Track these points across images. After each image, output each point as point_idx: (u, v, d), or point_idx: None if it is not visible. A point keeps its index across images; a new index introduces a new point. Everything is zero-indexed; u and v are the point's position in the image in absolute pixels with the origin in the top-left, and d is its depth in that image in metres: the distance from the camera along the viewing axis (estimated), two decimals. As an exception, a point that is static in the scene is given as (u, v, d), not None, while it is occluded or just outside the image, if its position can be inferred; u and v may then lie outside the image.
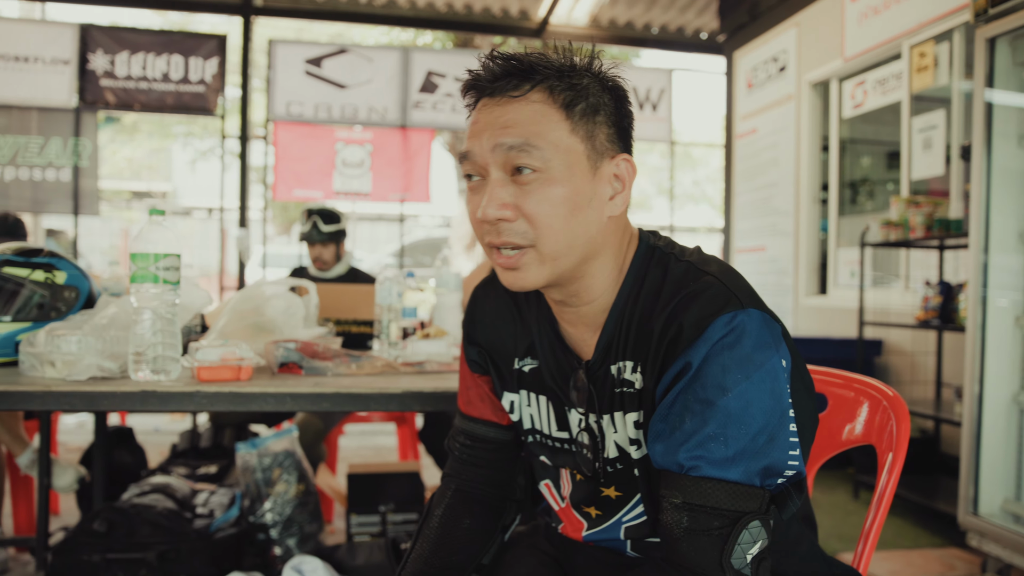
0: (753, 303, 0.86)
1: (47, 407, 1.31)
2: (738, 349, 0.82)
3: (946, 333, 3.70)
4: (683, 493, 0.82)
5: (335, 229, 3.51)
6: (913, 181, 4.10)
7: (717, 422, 0.81)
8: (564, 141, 0.87)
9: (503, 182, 0.88)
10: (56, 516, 3.17)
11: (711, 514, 0.81)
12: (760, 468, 0.82)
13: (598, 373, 0.95)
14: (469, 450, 1.13)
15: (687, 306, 0.85)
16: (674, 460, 0.83)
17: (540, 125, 0.87)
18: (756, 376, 0.82)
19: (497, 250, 0.90)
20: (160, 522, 2.19)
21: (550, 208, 0.86)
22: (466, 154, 0.90)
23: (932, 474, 3.66)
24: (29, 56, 5.53)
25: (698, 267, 0.91)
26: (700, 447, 0.82)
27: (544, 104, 0.88)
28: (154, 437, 4.80)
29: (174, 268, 1.39)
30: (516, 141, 0.86)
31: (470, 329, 1.11)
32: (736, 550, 0.80)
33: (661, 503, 0.85)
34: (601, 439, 0.97)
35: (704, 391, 0.82)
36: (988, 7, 2.51)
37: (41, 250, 1.67)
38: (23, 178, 5.52)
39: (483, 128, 0.89)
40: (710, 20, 6.50)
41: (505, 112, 0.88)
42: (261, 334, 1.76)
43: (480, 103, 0.91)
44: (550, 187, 0.87)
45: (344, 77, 6.01)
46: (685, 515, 0.82)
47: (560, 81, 0.88)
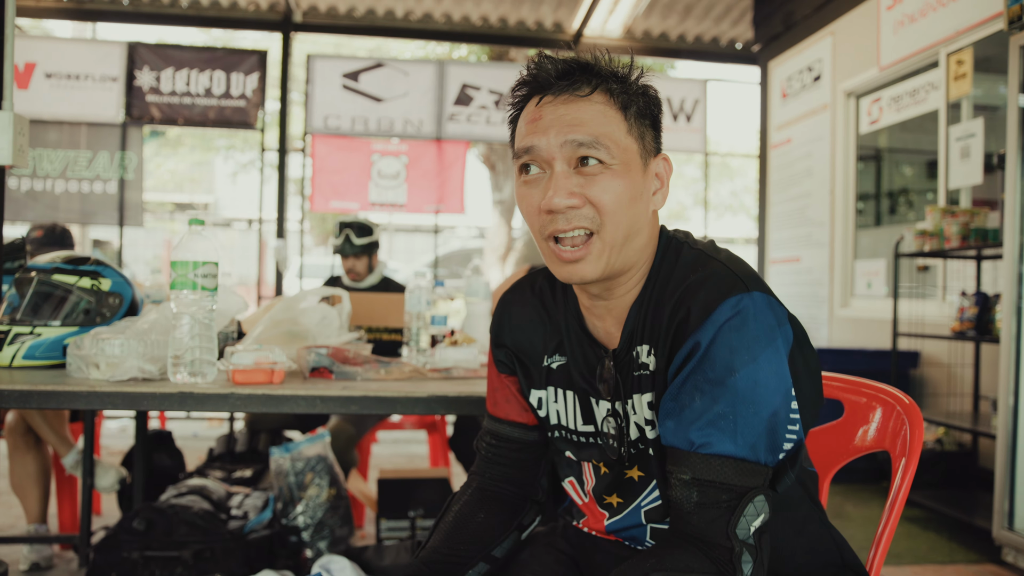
0: (758, 286, 0.91)
1: (91, 406, 1.38)
2: (744, 331, 0.87)
3: (984, 345, 3.64)
4: (692, 470, 0.87)
5: (368, 242, 3.58)
6: (950, 190, 4.04)
7: (726, 401, 0.87)
8: (623, 140, 0.94)
9: (568, 173, 0.93)
10: (98, 516, 3.27)
11: (720, 488, 0.86)
12: (765, 445, 0.88)
13: (623, 360, 1.01)
14: (495, 449, 1.17)
15: (695, 291, 0.91)
16: (684, 438, 0.88)
17: (606, 125, 0.93)
18: (762, 357, 0.87)
19: (557, 242, 0.95)
20: (196, 522, 2.27)
21: (615, 196, 0.93)
22: (528, 148, 0.95)
23: (969, 488, 3.59)
24: (80, 74, 5.75)
25: (707, 254, 0.97)
26: (710, 425, 0.87)
27: (606, 105, 0.94)
28: (192, 443, 4.92)
29: (212, 275, 1.46)
30: (587, 139, 0.92)
31: (498, 333, 1.16)
32: (742, 522, 0.85)
33: (669, 479, 0.90)
34: (625, 424, 1.02)
35: (713, 371, 0.87)
36: (1022, 14, 2.49)
37: (88, 258, 1.75)
38: (72, 191, 5.72)
39: (550, 124, 0.94)
40: (745, 30, 6.48)
41: (570, 110, 0.94)
42: (295, 340, 1.83)
43: (541, 100, 0.96)
44: (613, 179, 0.93)
45: (380, 91, 6.12)
46: (695, 490, 0.87)
47: (617, 84, 0.95)
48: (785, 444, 0.90)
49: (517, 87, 0.99)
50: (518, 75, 0.99)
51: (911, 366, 4.11)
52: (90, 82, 5.75)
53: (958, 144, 3.88)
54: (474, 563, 1.10)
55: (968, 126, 3.83)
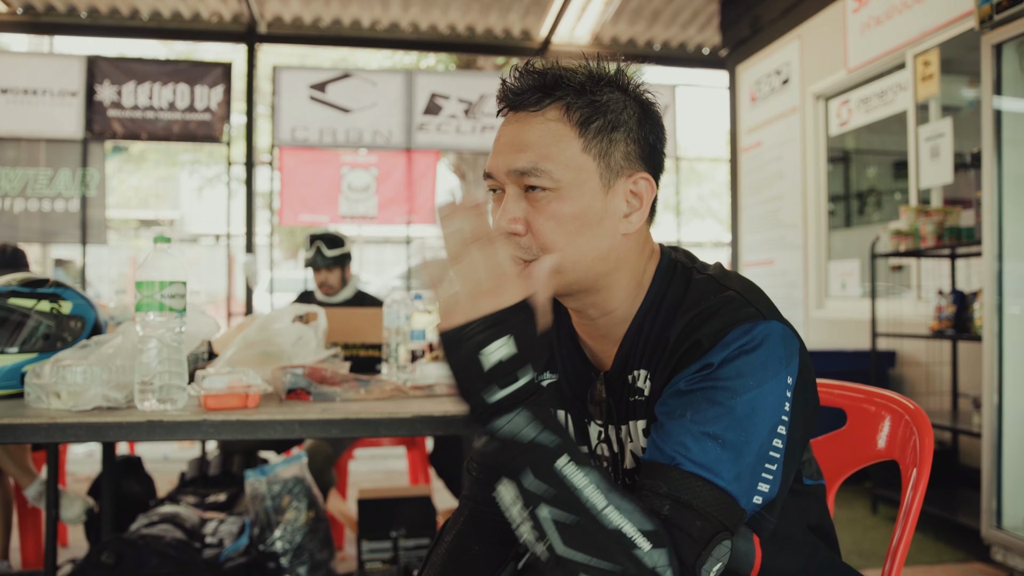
0: (774, 316, 0.86)
1: (53, 439, 1.29)
2: (755, 355, 0.82)
3: (960, 343, 3.66)
4: (669, 484, 0.79)
5: (339, 253, 3.50)
6: (921, 190, 4.07)
7: (722, 424, 0.80)
8: (576, 160, 0.88)
9: (516, 197, 0.90)
10: (64, 548, 3.14)
11: (695, 514, 0.78)
12: (746, 484, 0.80)
13: (616, 383, 0.95)
14: (485, 471, 1.11)
15: (706, 319, 0.85)
16: (666, 451, 0.81)
17: (552, 146, 0.87)
18: (767, 386, 0.82)
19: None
20: (169, 553, 2.17)
21: (556, 225, 0.87)
22: (488, 172, 0.92)
23: (951, 486, 3.60)
24: (37, 89, 5.59)
25: (719, 281, 0.91)
26: (697, 442, 0.80)
27: (558, 122, 0.88)
28: (163, 465, 4.78)
29: (180, 296, 1.38)
30: (526, 166, 0.87)
31: None
32: (708, 561, 0.77)
33: (640, 492, 0.81)
34: (620, 451, 0.96)
35: (714, 391, 0.81)
36: (993, 13, 2.50)
37: (47, 280, 1.66)
38: (32, 209, 5.56)
39: (502, 147, 0.91)
40: (712, 35, 6.52)
41: (521, 130, 0.89)
42: (270, 361, 1.75)
43: (506, 116, 0.93)
44: (558, 204, 0.87)
45: (348, 101, 6.04)
46: (667, 504, 0.78)
47: (579, 98, 0.88)
48: (762, 485, 0.81)
49: (498, 102, 0.96)
50: (491, 84, 0.95)
51: (888, 366, 4.12)
52: (48, 97, 5.60)
53: (928, 144, 3.91)
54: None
55: (937, 126, 3.86)
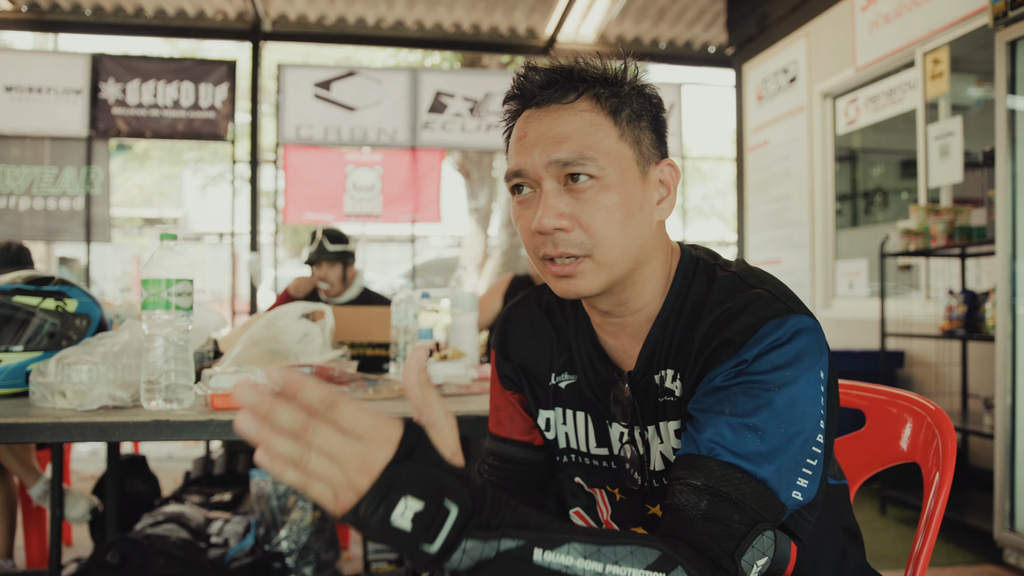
0: (803, 310, 0.85)
1: (58, 439, 1.28)
2: (789, 348, 0.80)
3: (971, 343, 3.63)
4: (706, 476, 0.77)
5: (341, 249, 3.45)
6: (930, 189, 4.04)
7: (761, 416, 0.78)
8: (615, 148, 0.87)
9: (557, 192, 0.87)
10: (69, 547, 3.13)
11: (733, 506, 0.76)
12: (787, 477, 0.79)
13: (640, 384, 0.93)
14: (498, 472, 1.08)
15: (736, 315, 0.83)
16: (703, 442, 0.79)
17: (591, 136, 0.86)
18: (803, 379, 0.80)
19: (551, 260, 0.88)
20: (174, 553, 2.15)
21: (606, 216, 0.86)
22: (517, 171, 0.88)
23: (961, 488, 3.57)
24: (42, 87, 5.58)
25: (744, 279, 0.89)
26: (736, 433, 0.78)
27: (592, 112, 0.87)
28: (168, 464, 4.77)
29: (186, 294, 1.36)
30: (571, 156, 0.85)
31: (503, 346, 1.08)
32: (749, 552, 0.75)
33: (675, 485, 0.79)
34: (646, 452, 0.94)
35: (751, 384, 0.80)
36: (1008, 9, 2.47)
37: (52, 278, 1.64)
38: (37, 208, 5.55)
39: (534, 142, 0.87)
40: (718, 34, 6.49)
41: (554, 123, 0.87)
42: (276, 360, 1.73)
43: (525, 114, 0.90)
44: (605, 194, 0.86)
45: (353, 99, 6.02)
46: (705, 498, 0.76)
47: (605, 88, 0.88)
48: (801, 481, 0.80)
49: (505, 102, 0.93)
50: (504, 85, 0.92)
51: (897, 366, 4.09)
52: (53, 95, 5.59)
53: (937, 143, 3.88)
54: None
55: (946, 125, 3.83)
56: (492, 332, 3.74)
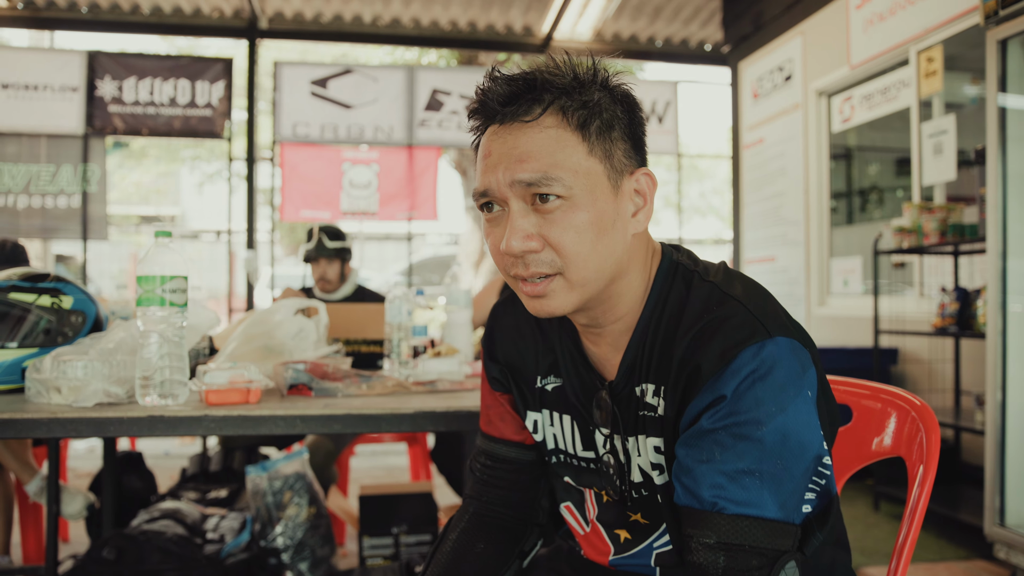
0: (780, 330, 0.82)
1: (53, 434, 1.29)
2: (770, 380, 0.78)
3: (963, 340, 3.65)
4: (717, 532, 0.78)
5: (340, 246, 3.46)
6: (924, 187, 4.06)
7: (752, 457, 0.78)
8: (583, 165, 0.83)
9: (524, 212, 0.84)
10: (65, 543, 3.14)
11: (750, 553, 0.77)
12: (794, 503, 0.79)
13: (622, 394, 0.92)
14: (490, 471, 1.09)
15: (711, 336, 0.81)
16: (704, 496, 0.79)
17: (557, 153, 0.82)
18: (791, 408, 0.79)
19: (523, 280, 0.86)
20: (170, 548, 2.16)
21: (576, 235, 0.82)
22: (484, 191, 0.85)
23: (953, 484, 3.59)
24: (38, 84, 5.58)
25: (722, 289, 0.86)
26: (734, 483, 0.78)
27: (558, 128, 0.83)
28: (164, 461, 4.78)
29: (181, 290, 1.37)
30: (535, 176, 0.82)
31: (490, 347, 1.08)
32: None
33: (689, 543, 0.80)
34: (627, 462, 0.94)
35: (738, 426, 0.78)
36: (998, 8, 2.48)
37: (47, 275, 1.65)
38: (35, 206, 5.55)
39: (498, 161, 0.84)
40: (714, 32, 6.50)
41: (519, 142, 0.83)
42: (271, 356, 1.74)
43: (489, 130, 0.86)
44: (574, 213, 0.82)
45: (349, 97, 6.03)
46: (721, 555, 0.77)
47: (571, 100, 0.83)
48: (808, 495, 0.81)
49: (470, 117, 0.89)
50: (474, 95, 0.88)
51: (891, 363, 4.12)
52: (49, 92, 5.59)
53: (931, 141, 3.90)
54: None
55: (940, 123, 3.85)
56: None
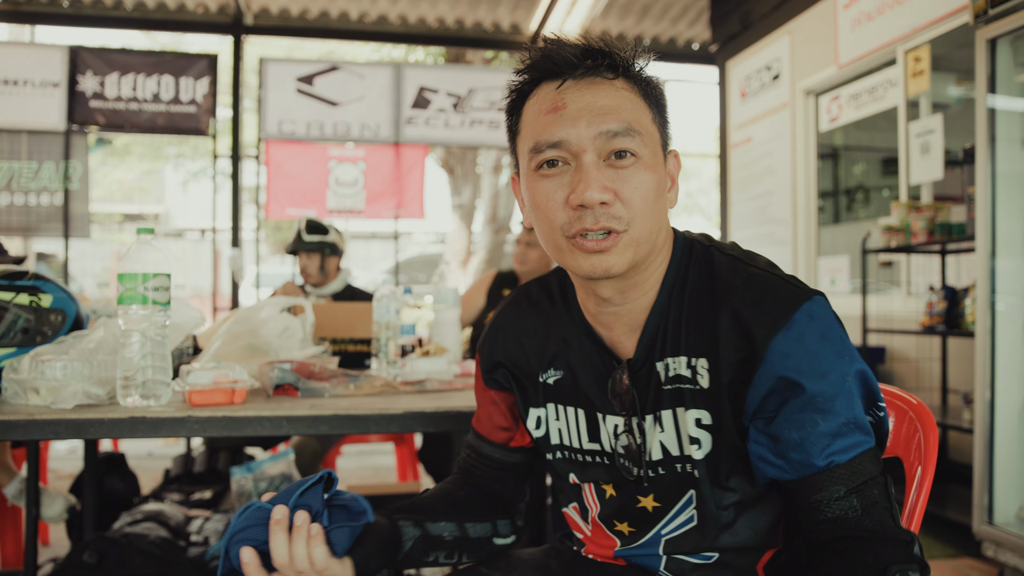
0: (812, 290, 0.87)
1: (31, 436, 1.25)
2: (831, 336, 0.84)
3: (950, 338, 3.66)
4: (844, 482, 0.83)
5: (319, 239, 3.45)
6: (911, 186, 4.07)
7: (838, 410, 0.82)
8: (650, 130, 0.88)
9: (599, 166, 0.85)
10: (46, 547, 3.09)
11: (871, 484, 0.83)
12: (876, 415, 0.86)
13: (641, 372, 0.92)
14: (474, 461, 1.11)
15: (756, 302, 0.85)
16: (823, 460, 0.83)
17: (635, 112, 0.86)
18: (843, 350, 0.84)
19: (582, 237, 0.86)
20: (153, 551, 2.12)
21: (645, 193, 0.86)
22: (557, 142, 0.85)
23: (941, 482, 3.60)
24: (18, 79, 5.49)
25: (745, 261, 0.90)
26: (839, 437, 0.83)
27: (631, 92, 0.88)
28: (147, 462, 4.72)
29: (164, 288, 1.33)
30: (622, 127, 0.84)
31: (492, 347, 1.07)
32: (896, 509, 0.84)
33: (819, 506, 0.83)
34: (643, 442, 0.93)
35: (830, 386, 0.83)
36: (988, 7, 2.48)
37: (26, 272, 1.61)
38: (17, 203, 5.47)
39: (578, 113, 0.85)
40: (702, 31, 6.50)
41: (598, 96, 0.86)
42: (256, 355, 1.71)
43: (553, 85, 0.87)
44: (645, 173, 0.86)
45: (336, 94, 5.98)
46: (855, 497, 0.82)
47: (637, 71, 0.89)
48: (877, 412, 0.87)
49: (525, 71, 0.90)
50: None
51: (878, 362, 4.13)
52: (29, 88, 5.50)
53: (918, 140, 3.91)
54: (446, 519, 1.01)
55: (927, 122, 3.86)
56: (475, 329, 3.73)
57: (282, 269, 12.10)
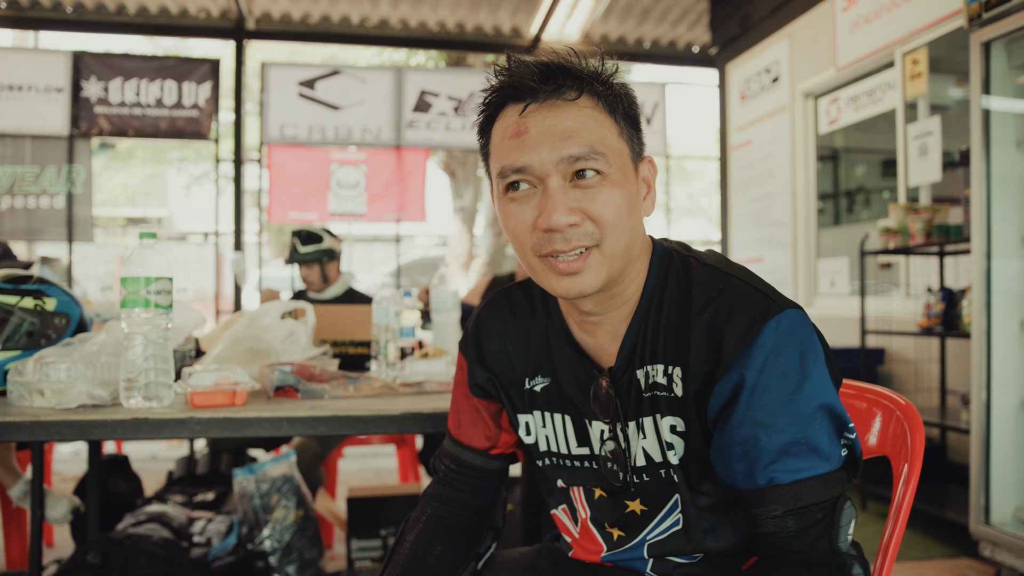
0: (787, 303, 0.87)
1: (36, 437, 1.27)
2: (791, 351, 0.83)
3: (949, 340, 3.67)
4: (782, 503, 0.83)
5: (314, 250, 3.47)
6: (910, 188, 4.09)
7: (795, 428, 0.83)
8: (616, 145, 0.87)
9: (564, 188, 0.86)
10: (50, 548, 3.11)
11: (815, 509, 0.83)
12: (835, 452, 0.85)
13: (621, 380, 0.94)
14: (454, 473, 1.10)
15: (728, 314, 0.85)
16: (763, 478, 0.84)
17: (598, 132, 0.86)
18: (813, 371, 0.84)
19: (554, 258, 0.87)
20: (156, 552, 2.15)
21: (614, 208, 0.86)
22: (520, 167, 0.86)
23: (940, 483, 3.61)
24: (23, 85, 5.53)
25: (722, 271, 0.91)
26: (786, 456, 0.83)
27: (595, 109, 0.87)
28: (151, 464, 4.74)
29: (166, 292, 1.36)
30: (583, 151, 0.84)
31: (478, 352, 1.06)
32: (840, 533, 0.83)
33: (758, 519, 0.85)
34: (627, 448, 0.95)
35: (772, 402, 0.83)
36: (982, 11, 2.50)
37: (30, 277, 1.64)
38: (19, 207, 5.50)
39: (540, 138, 0.85)
40: (702, 33, 6.52)
41: (559, 119, 0.85)
42: (258, 358, 1.73)
43: (517, 109, 0.87)
44: (612, 189, 0.86)
45: (337, 98, 6.01)
46: (791, 520, 0.83)
47: (601, 86, 0.88)
48: (845, 441, 0.87)
49: (490, 93, 0.89)
50: (484, 81, 0.89)
51: (877, 363, 4.14)
52: (33, 93, 5.54)
53: (916, 142, 3.93)
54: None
55: (925, 124, 3.88)
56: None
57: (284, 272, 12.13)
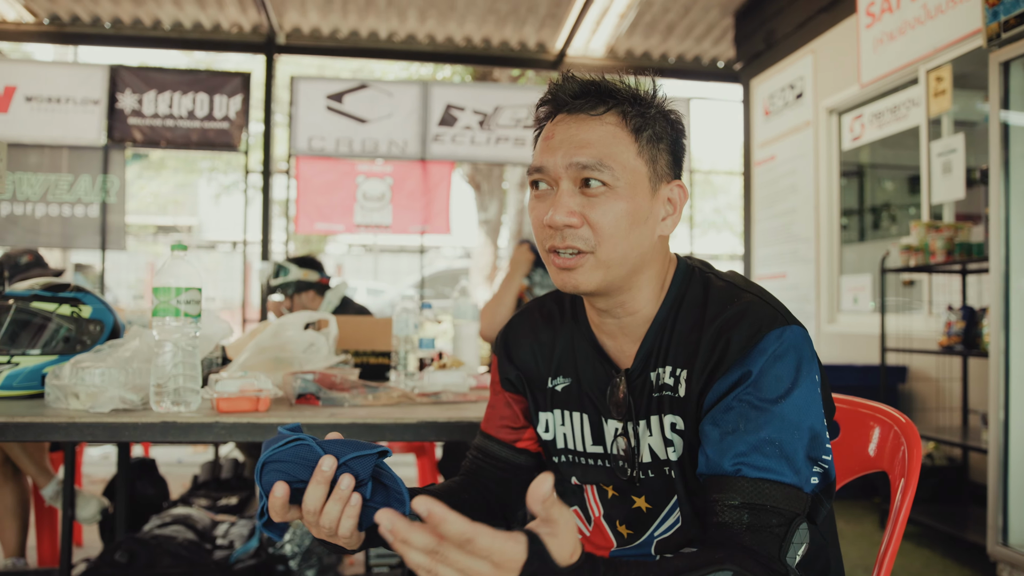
0: (795, 320, 0.93)
1: (71, 438, 1.34)
2: (789, 360, 0.90)
3: (971, 359, 3.65)
4: (741, 494, 0.86)
5: (281, 282, 3.47)
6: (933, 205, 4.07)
7: (772, 428, 0.87)
8: (631, 162, 0.95)
9: (572, 192, 0.95)
10: (79, 547, 3.20)
11: (771, 512, 0.86)
12: (807, 473, 0.88)
13: (637, 381, 1.01)
14: (479, 463, 1.17)
15: (737, 322, 0.92)
16: (729, 463, 0.88)
17: (612, 147, 0.94)
18: (803, 385, 0.89)
19: (556, 253, 0.96)
20: (181, 553, 2.21)
21: (613, 219, 0.93)
22: (539, 167, 0.97)
23: (961, 503, 3.58)
24: (61, 97, 5.71)
25: (739, 287, 0.98)
26: (756, 451, 0.87)
27: (617, 127, 0.95)
28: (177, 469, 4.84)
29: (195, 302, 1.42)
30: (590, 160, 0.93)
31: (507, 350, 1.15)
32: (791, 549, 0.85)
33: (714, 506, 0.88)
34: (637, 445, 1.01)
35: (760, 399, 0.88)
36: (1001, 31, 2.51)
37: (67, 285, 1.71)
38: (53, 214, 5.66)
39: (559, 144, 0.95)
40: (726, 49, 6.55)
41: (581, 130, 0.95)
42: (281, 367, 1.79)
43: (557, 118, 0.98)
44: (615, 201, 0.94)
45: (365, 112, 6.12)
46: (746, 513, 0.86)
47: (632, 107, 0.96)
48: (816, 469, 0.90)
49: (539, 105, 1.02)
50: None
51: (899, 381, 4.12)
52: (71, 105, 5.71)
53: (940, 160, 3.92)
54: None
55: (949, 142, 3.87)
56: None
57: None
